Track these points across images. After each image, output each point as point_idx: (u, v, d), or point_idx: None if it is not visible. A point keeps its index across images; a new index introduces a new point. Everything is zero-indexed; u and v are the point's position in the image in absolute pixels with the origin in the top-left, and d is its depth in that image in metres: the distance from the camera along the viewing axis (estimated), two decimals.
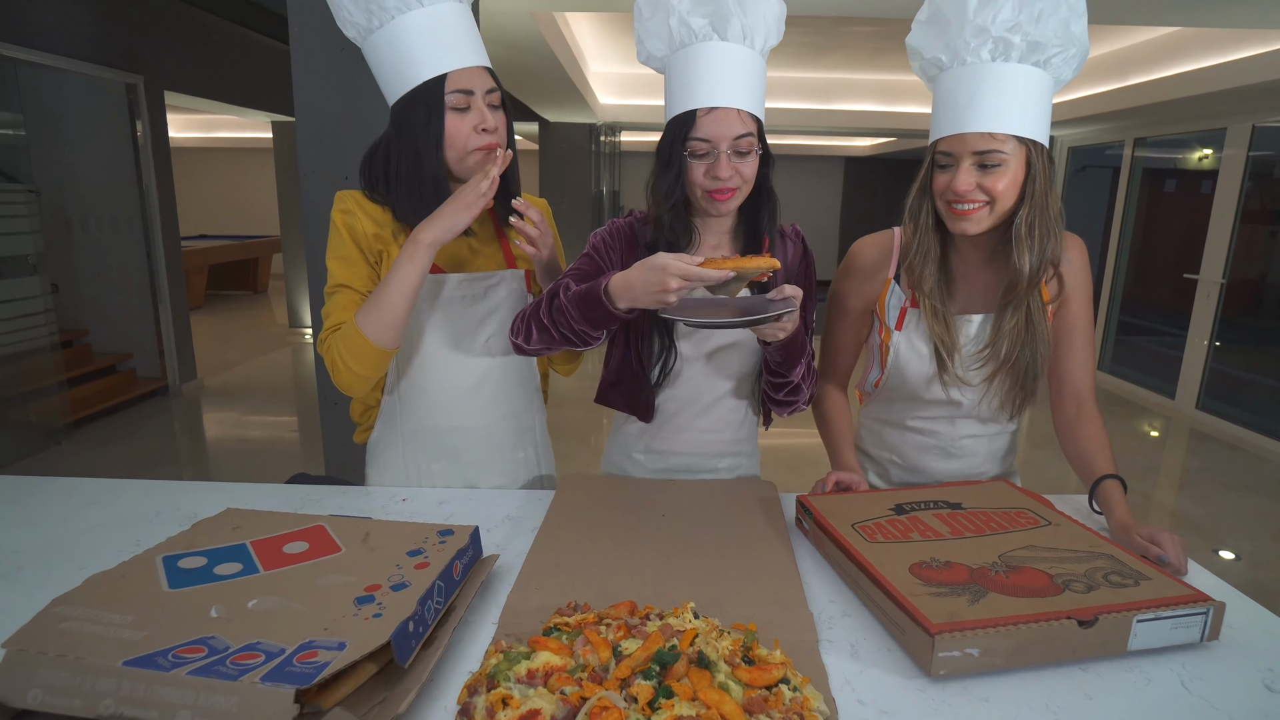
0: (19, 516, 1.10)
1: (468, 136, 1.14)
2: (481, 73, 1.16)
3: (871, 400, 1.36)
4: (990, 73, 1.07)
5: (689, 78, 1.12)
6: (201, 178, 11.20)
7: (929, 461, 1.31)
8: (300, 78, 2.26)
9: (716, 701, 0.65)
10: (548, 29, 4.27)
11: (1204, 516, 3.64)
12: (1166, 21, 3.77)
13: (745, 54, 1.12)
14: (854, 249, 1.31)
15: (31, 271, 4.03)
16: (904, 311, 1.23)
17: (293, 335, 7.39)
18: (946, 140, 1.10)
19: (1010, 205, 1.11)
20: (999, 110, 1.06)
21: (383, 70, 1.16)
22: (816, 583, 0.97)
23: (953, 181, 1.09)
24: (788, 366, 1.18)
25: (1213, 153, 5.37)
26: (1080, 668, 0.79)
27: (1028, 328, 1.16)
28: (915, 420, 1.30)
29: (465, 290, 1.24)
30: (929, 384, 1.23)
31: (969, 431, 1.28)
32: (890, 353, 1.24)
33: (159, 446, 4.32)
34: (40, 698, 0.62)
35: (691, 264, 0.96)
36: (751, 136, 1.12)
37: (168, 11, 4.94)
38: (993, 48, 1.06)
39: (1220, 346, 5.16)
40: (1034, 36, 1.04)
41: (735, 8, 1.09)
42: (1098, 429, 1.20)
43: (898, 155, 10.86)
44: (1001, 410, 1.24)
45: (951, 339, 1.19)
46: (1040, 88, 1.08)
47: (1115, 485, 1.12)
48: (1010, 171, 1.08)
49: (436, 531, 0.93)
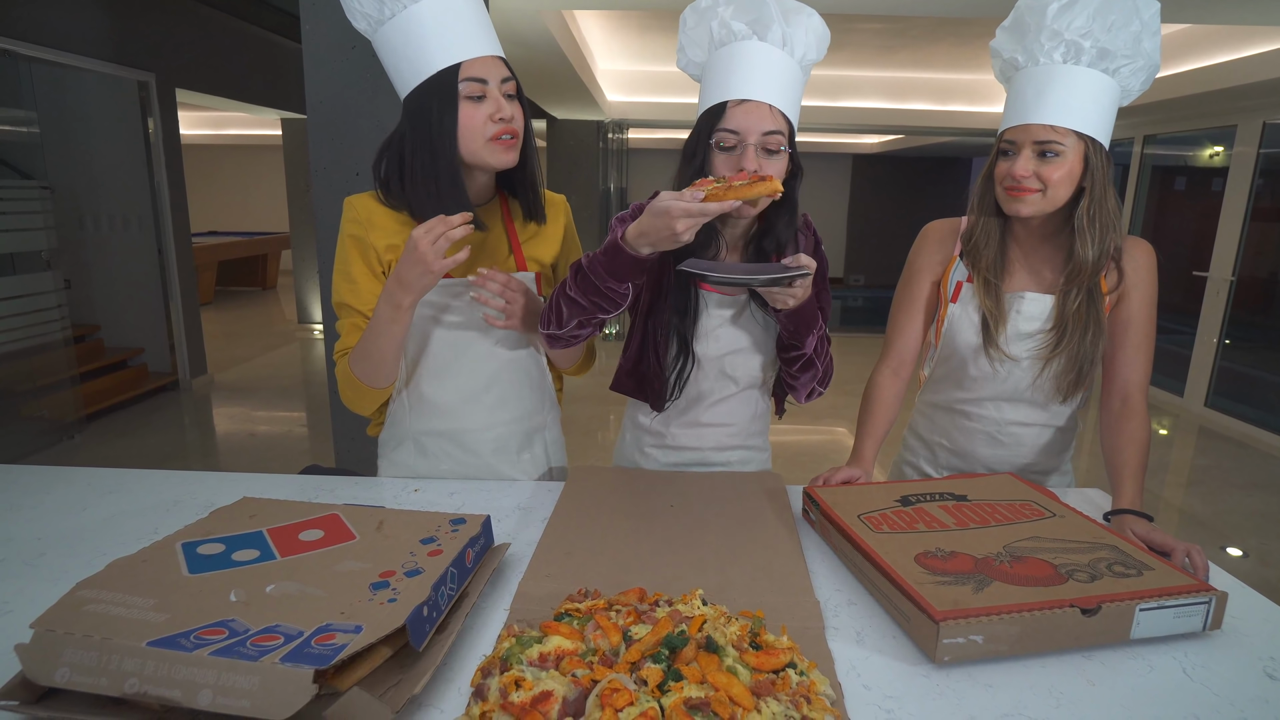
0: (42, 505, 1.13)
1: (483, 126, 1.13)
2: (496, 62, 1.14)
3: (927, 383, 1.42)
4: (1060, 72, 1.14)
5: (724, 73, 1.13)
6: (212, 175, 11.27)
7: (977, 447, 1.35)
8: (312, 75, 2.28)
9: (725, 684, 0.66)
10: (556, 27, 4.28)
11: (1212, 514, 3.63)
12: (1177, 18, 3.75)
13: (783, 57, 1.12)
14: (926, 228, 1.40)
15: (45, 267, 4.07)
16: (960, 286, 1.30)
17: (301, 331, 7.44)
18: (1012, 130, 1.18)
19: (1063, 196, 1.17)
20: (1063, 106, 1.13)
21: (395, 62, 1.15)
22: (822, 572, 0.98)
23: (1012, 167, 1.16)
24: (800, 336, 1.18)
25: (1223, 150, 5.34)
26: (1083, 655, 0.80)
27: (1089, 312, 1.22)
28: (966, 404, 1.34)
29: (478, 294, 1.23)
30: (976, 356, 1.29)
31: (1016, 418, 1.31)
32: (945, 323, 1.31)
33: (170, 441, 4.36)
34: (68, 676, 0.64)
35: (694, 200, 0.96)
36: (781, 135, 1.11)
37: (180, 10, 4.98)
38: (1064, 50, 1.13)
39: (1229, 344, 5.13)
40: (1104, 44, 1.11)
41: (778, 15, 1.10)
42: (1137, 428, 1.22)
43: (906, 153, 10.83)
44: (1055, 393, 1.28)
45: (1000, 311, 1.25)
46: (1106, 93, 1.15)
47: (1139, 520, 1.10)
48: (1067, 164, 1.15)
49: (449, 520, 0.95)
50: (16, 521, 1.07)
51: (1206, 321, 5.24)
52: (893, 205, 12.00)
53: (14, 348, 3.91)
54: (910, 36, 5.51)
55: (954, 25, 4.96)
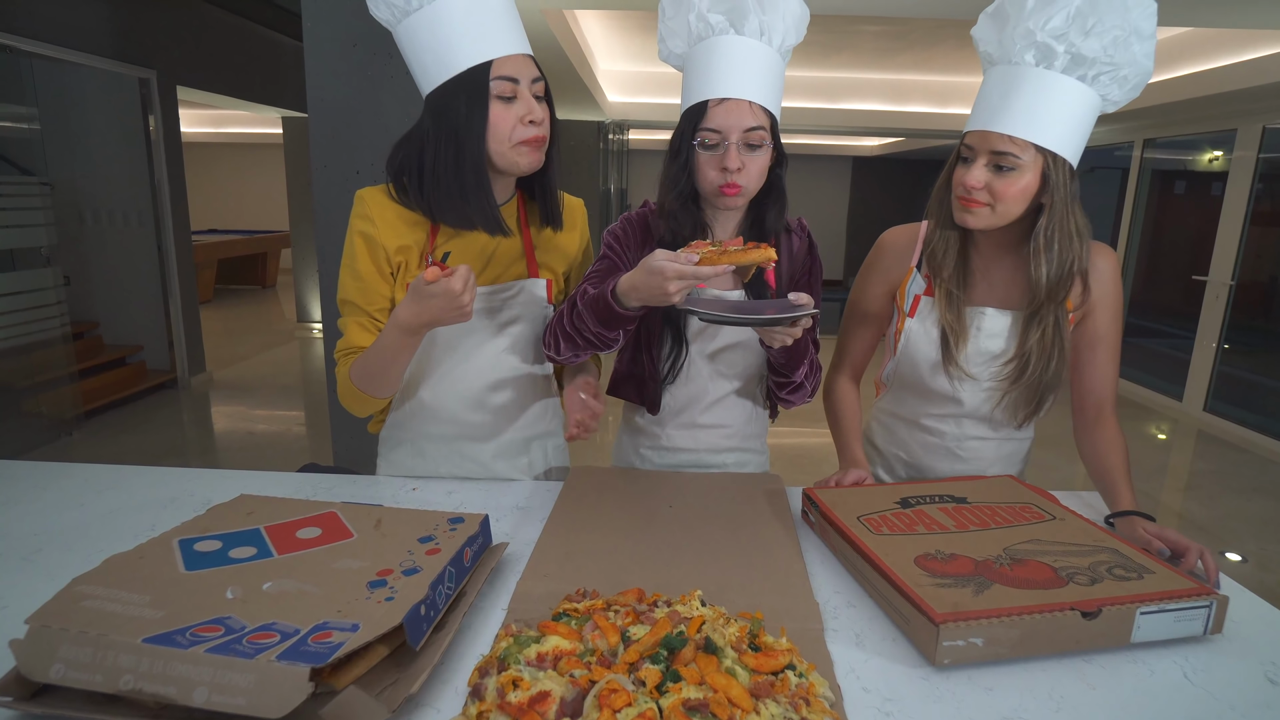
0: (39, 501, 1.12)
1: (513, 127, 1.09)
2: (527, 61, 1.10)
3: (885, 393, 1.38)
4: (1030, 77, 1.06)
5: (704, 71, 1.13)
6: (213, 172, 11.26)
7: (936, 462, 1.32)
8: (313, 73, 2.28)
9: (724, 685, 0.66)
10: (558, 27, 4.28)
11: (1211, 519, 3.63)
12: (1177, 21, 3.75)
13: (761, 50, 1.12)
14: (882, 237, 1.34)
15: (44, 263, 4.06)
16: (918, 299, 1.25)
17: (301, 330, 7.43)
18: (971, 135, 1.12)
19: (1014, 212, 1.12)
20: (1026, 115, 1.06)
21: (419, 56, 1.10)
22: (822, 574, 0.98)
23: (965, 175, 1.11)
24: (790, 368, 1.20)
25: (1223, 154, 5.35)
26: (1084, 658, 0.80)
27: (1054, 340, 1.16)
28: (924, 418, 1.31)
29: (485, 302, 1.21)
30: (934, 372, 1.24)
31: (975, 433, 1.28)
32: (903, 338, 1.26)
33: (168, 438, 4.35)
34: (63, 672, 0.63)
35: (688, 263, 0.95)
36: (763, 130, 1.12)
37: (181, 7, 4.97)
38: (1035, 53, 1.05)
39: (1229, 349, 5.14)
40: (1080, 49, 1.03)
41: (754, 5, 1.10)
42: (1114, 434, 1.21)
43: (906, 155, 10.83)
44: (1009, 419, 1.25)
45: (961, 326, 1.20)
46: (1079, 103, 1.06)
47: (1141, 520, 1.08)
48: (1023, 179, 1.09)
49: (447, 519, 0.94)
50: (13, 517, 1.07)
51: (1206, 325, 5.24)
52: (893, 207, 12.00)
53: (13, 344, 3.90)
54: (911, 39, 5.51)
55: (955, 27, 4.96)
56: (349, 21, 2.24)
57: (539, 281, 1.25)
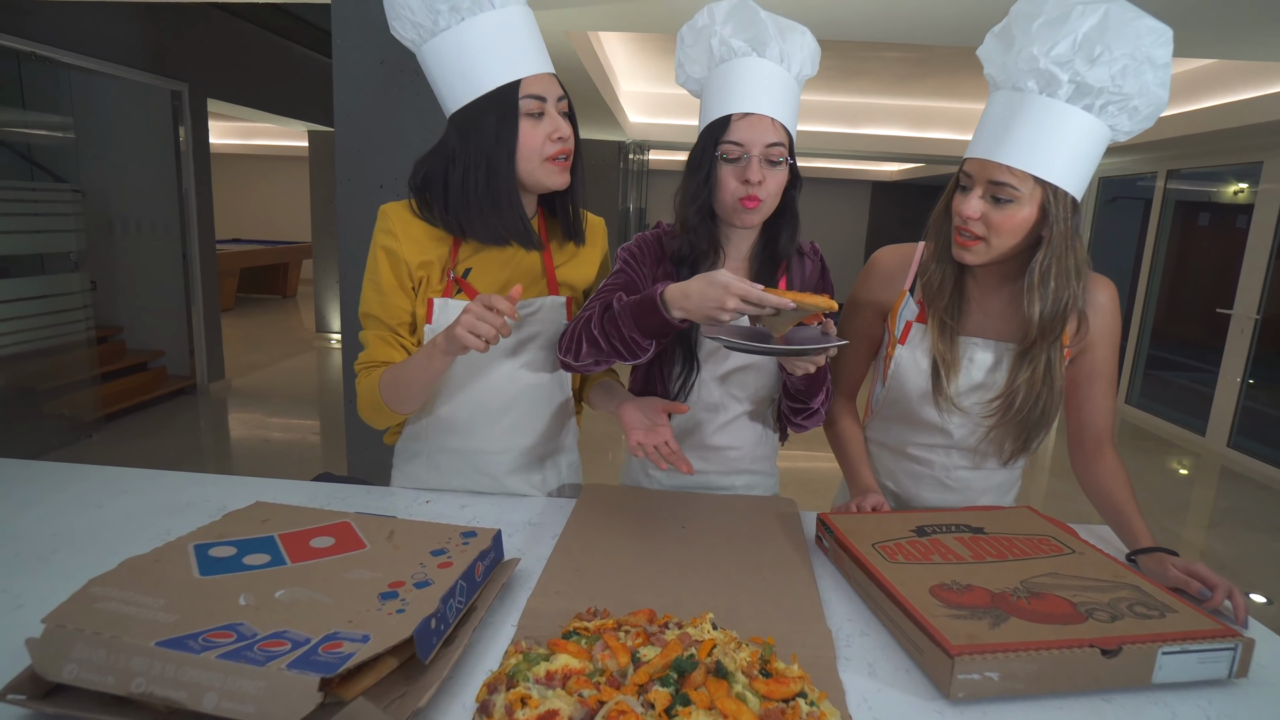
0: (57, 501, 1.14)
1: (542, 145, 1.11)
2: (552, 80, 1.12)
3: (872, 420, 1.35)
4: (1034, 105, 1.02)
5: (726, 88, 1.14)
6: (238, 183, 11.47)
7: (924, 491, 1.30)
8: (341, 89, 2.32)
9: (733, 711, 0.65)
10: (581, 48, 4.34)
11: (1233, 557, 3.55)
12: (1203, 54, 3.74)
13: (782, 73, 1.15)
14: (874, 256, 1.31)
15: (72, 268, 4.15)
16: (909, 326, 1.22)
17: (319, 340, 7.50)
18: (971, 162, 1.09)
19: (1010, 245, 1.08)
20: (1027, 146, 1.02)
21: (444, 75, 1.11)
22: (835, 600, 0.96)
23: (962, 205, 1.09)
24: (809, 395, 1.20)
25: (1248, 187, 5.29)
26: (1103, 698, 0.78)
27: (1045, 380, 1.13)
28: (912, 447, 1.29)
29: None
30: (923, 402, 1.22)
31: (964, 463, 1.26)
32: (892, 365, 1.24)
33: (186, 443, 4.39)
34: (76, 673, 0.64)
35: (755, 287, 0.94)
36: (783, 147, 1.13)
37: (214, 23, 5.10)
38: (1039, 80, 1.01)
39: (1254, 383, 5.05)
40: (1085, 79, 0.98)
41: (775, 33, 1.13)
42: (1116, 466, 1.19)
43: (925, 181, 10.83)
44: (995, 453, 1.23)
45: (953, 357, 1.17)
46: (1085, 134, 1.02)
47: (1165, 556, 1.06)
48: (1021, 211, 1.05)
49: (460, 533, 0.94)
50: (31, 517, 1.08)
51: (1230, 359, 5.16)
52: (911, 232, 11.92)
53: (39, 345, 3.97)
54: (932, 65, 5.53)
55: (975, 55, 4.97)
56: (377, 40, 2.29)
57: (559, 299, 1.26)
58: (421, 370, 1.09)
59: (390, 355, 1.17)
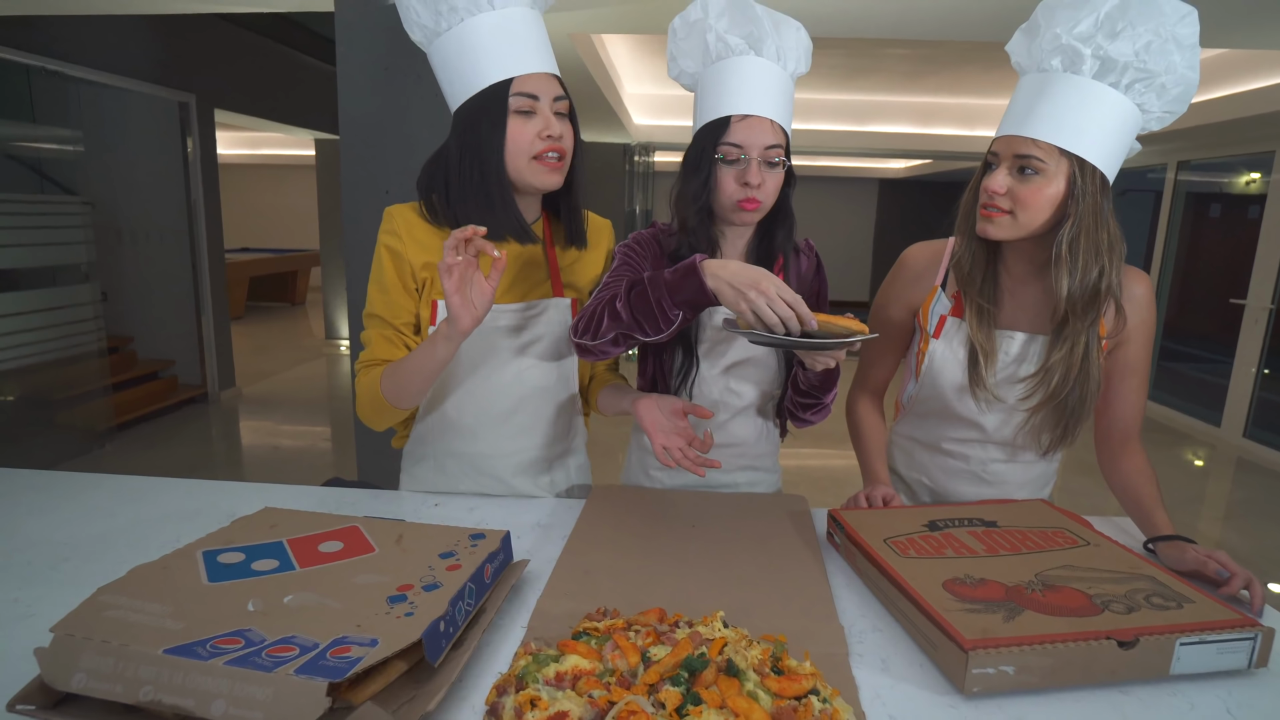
0: (67, 510, 1.14)
1: (530, 143, 1.10)
2: (549, 79, 1.12)
3: (905, 416, 1.34)
4: (1059, 82, 1.04)
5: (725, 87, 1.14)
6: (246, 192, 11.54)
7: (959, 486, 1.29)
8: (345, 95, 2.33)
9: (745, 709, 0.64)
10: (585, 51, 4.34)
11: (1250, 549, 3.51)
12: (1213, 43, 3.70)
13: (778, 72, 1.16)
14: (905, 254, 1.30)
15: (83, 279, 4.18)
16: (943, 319, 1.22)
17: (328, 347, 7.54)
18: (997, 141, 1.10)
19: (1037, 221, 1.08)
20: (1051, 119, 1.03)
21: (447, 75, 1.13)
22: (847, 597, 0.95)
23: (989, 181, 1.09)
24: (824, 390, 1.20)
25: (1260, 176, 5.24)
26: (1120, 690, 0.77)
27: (1081, 365, 1.11)
28: (947, 442, 1.28)
29: (508, 320, 1.20)
30: (960, 395, 1.21)
31: (1001, 456, 1.25)
32: (926, 360, 1.23)
33: (197, 451, 4.42)
34: (84, 682, 0.64)
35: (797, 297, 0.94)
36: (780, 148, 1.14)
37: (220, 33, 5.14)
38: (1063, 58, 1.03)
39: (1269, 374, 4.99)
40: (1108, 52, 1.00)
41: (770, 30, 1.13)
42: (1143, 463, 1.18)
43: (932, 178, 10.77)
44: (1033, 444, 1.21)
45: (991, 346, 1.16)
46: (1111, 111, 1.03)
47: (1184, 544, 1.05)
48: (1048, 185, 1.05)
49: (468, 535, 0.94)
50: (41, 526, 1.08)
51: (1245, 350, 5.10)
52: (918, 229, 11.82)
53: (51, 357, 4.01)
54: (940, 62, 5.50)
55: (984, 50, 4.94)
56: (380, 47, 2.29)
57: (564, 301, 1.25)
58: (424, 360, 1.08)
59: (392, 354, 1.17)
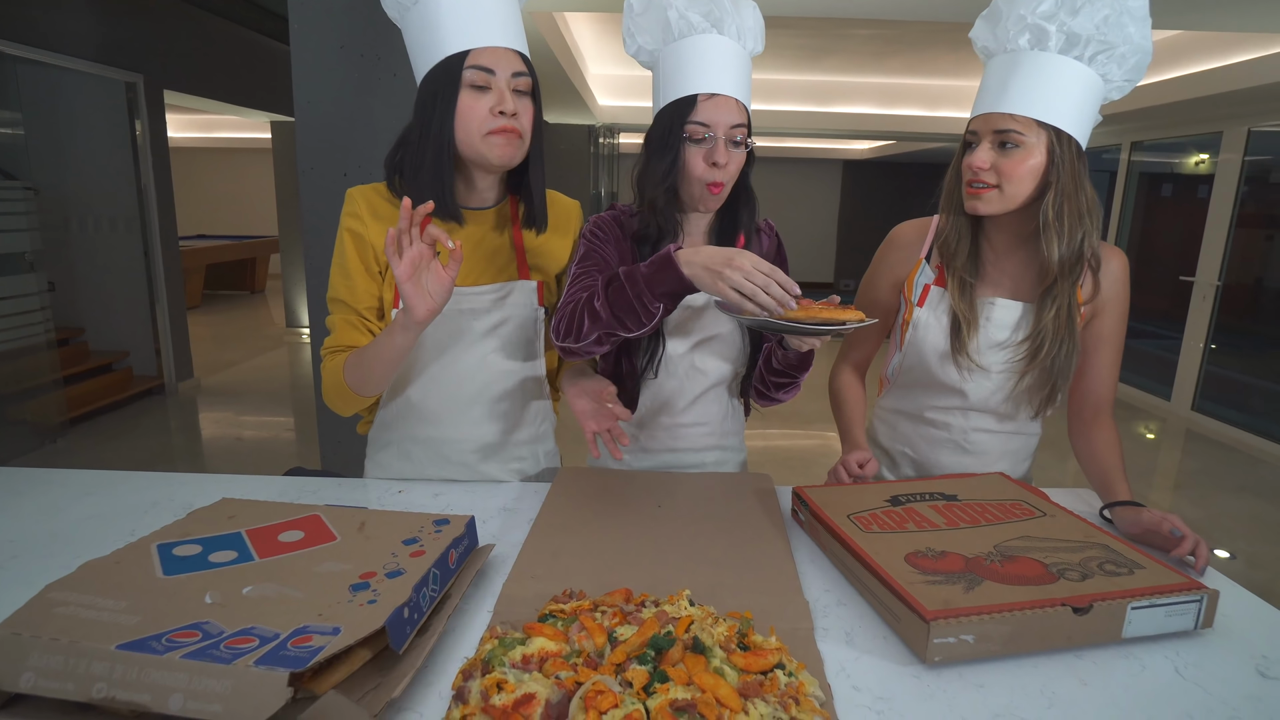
0: (16, 507, 1.10)
1: (482, 118, 1.07)
2: (509, 54, 1.09)
3: (889, 390, 1.38)
4: (1027, 60, 1.09)
5: (689, 66, 1.13)
6: (200, 177, 11.19)
7: (942, 456, 1.31)
8: (300, 77, 2.27)
9: (712, 685, 0.65)
10: (547, 30, 4.27)
11: (1200, 517, 3.64)
12: (1164, 25, 3.78)
13: (740, 51, 1.16)
14: (893, 231, 1.34)
15: (28, 269, 4.01)
16: (927, 289, 1.25)
17: (290, 335, 7.38)
18: (974, 120, 1.14)
19: (1023, 192, 1.12)
20: (1026, 94, 1.08)
21: (414, 48, 1.12)
22: (812, 573, 0.97)
23: (971, 158, 1.12)
24: (800, 370, 1.22)
25: (1209, 157, 5.39)
26: (1075, 654, 0.79)
27: (1068, 325, 1.16)
28: (930, 411, 1.30)
29: (473, 303, 1.19)
30: (943, 362, 1.24)
31: (984, 425, 1.28)
32: (910, 328, 1.26)
33: (155, 445, 4.31)
34: (33, 681, 0.62)
35: (792, 291, 0.95)
36: (744, 128, 1.14)
37: (168, 11, 4.94)
38: (1030, 36, 1.08)
39: (1216, 349, 5.17)
40: (1071, 28, 1.06)
41: (731, 8, 1.13)
42: (1111, 434, 1.22)
43: (896, 159, 10.87)
44: (1023, 408, 1.25)
45: (973, 315, 1.20)
46: (1079, 83, 1.09)
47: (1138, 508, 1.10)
48: (1029, 157, 1.10)
49: (432, 521, 0.93)
50: None
51: (1193, 326, 5.27)
52: (884, 211, 12.01)
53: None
54: (903, 42, 5.53)
55: (947, 31, 4.98)
56: (336, 25, 2.23)
57: (529, 284, 1.24)
58: (384, 349, 1.07)
59: (356, 340, 1.16)
